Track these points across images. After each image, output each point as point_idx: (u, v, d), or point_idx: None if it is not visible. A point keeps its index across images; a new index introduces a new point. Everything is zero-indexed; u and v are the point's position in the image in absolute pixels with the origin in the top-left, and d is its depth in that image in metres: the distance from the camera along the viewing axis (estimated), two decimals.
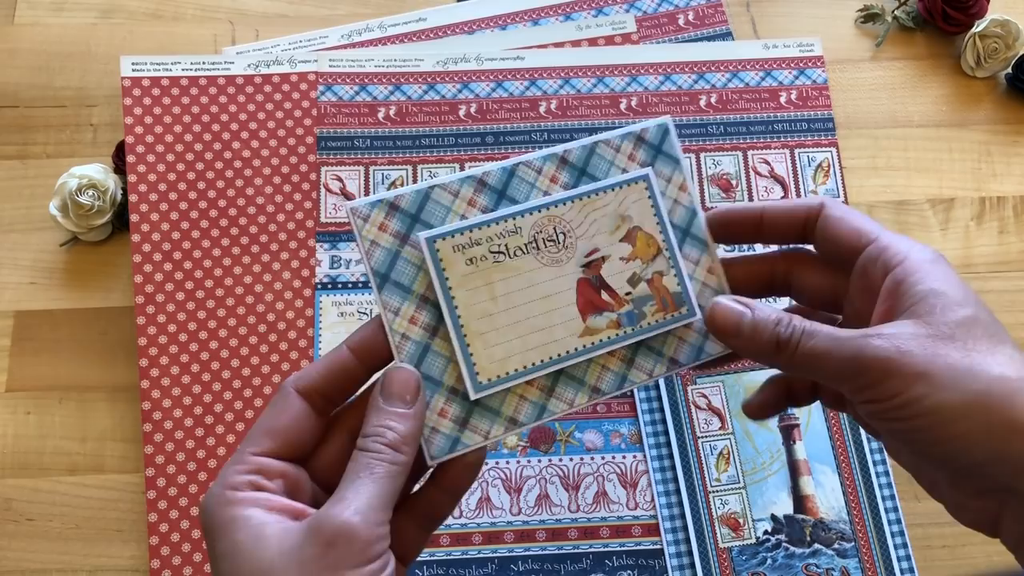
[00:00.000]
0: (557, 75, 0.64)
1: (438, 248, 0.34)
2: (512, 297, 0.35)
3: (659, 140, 0.38)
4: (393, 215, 0.34)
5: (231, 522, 0.31)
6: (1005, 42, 0.65)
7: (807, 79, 0.65)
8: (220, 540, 0.31)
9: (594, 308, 0.36)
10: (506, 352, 0.35)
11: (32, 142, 0.63)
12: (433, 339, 0.34)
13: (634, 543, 0.53)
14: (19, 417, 0.56)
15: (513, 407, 0.35)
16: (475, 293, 0.34)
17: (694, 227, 0.38)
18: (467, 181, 0.36)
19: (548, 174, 0.37)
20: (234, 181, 0.60)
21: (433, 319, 0.34)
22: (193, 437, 0.54)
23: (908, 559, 0.52)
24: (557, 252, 0.36)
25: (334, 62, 0.63)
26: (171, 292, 0.57)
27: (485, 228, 0.35)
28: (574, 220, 0.36)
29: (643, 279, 0.37)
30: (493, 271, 0.35)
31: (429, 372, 0.34)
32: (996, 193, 0.63)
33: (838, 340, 0.32)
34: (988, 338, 0.31)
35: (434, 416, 0.34)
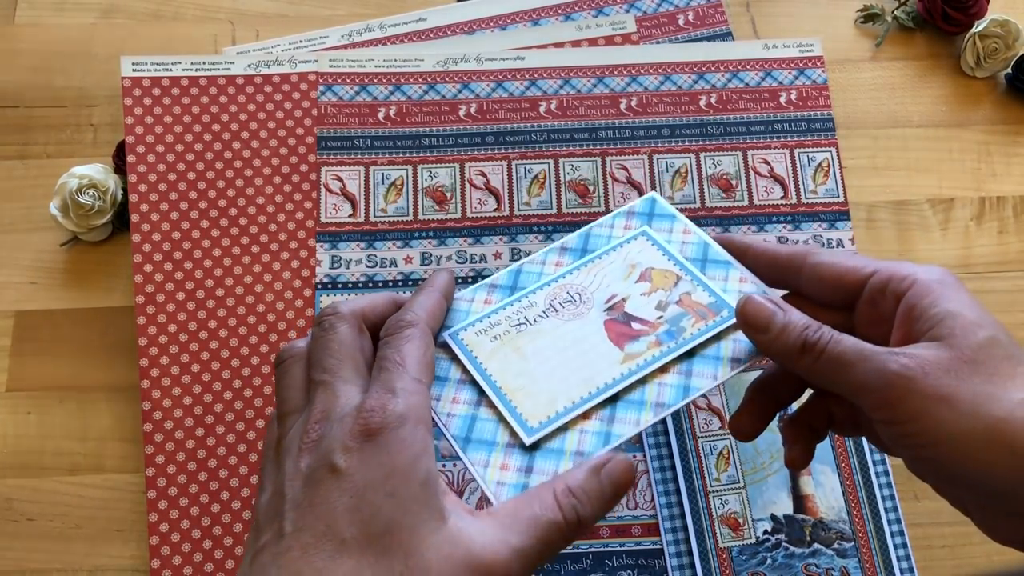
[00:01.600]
0: (557, 75, 0.64)
1: (463, 338, 0.38)
2: (543, 352, 0.37)
3: (649, 209, 0.40)
4: None
5: (444, 509, 0.30)
6: (1005, 42, 0.65)
7: (807, 79, 0.65)
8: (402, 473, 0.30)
9: (628, 337, 0.37)
10: (550, 395, 0.36)
11: (32, 142, 0.63)
12: (479, 409, 0.36)
13: (634, 543, 0.53)
14: (19, 417, 0.56)
15: (576, 442, 0.35)
16: (506, 360, 0.37)
17: (711, 254, 0.39)
18: (479, 289, 0.39)
19: (552, 263, 0.39)
20: (234, 181, 0.60)
21: (475, 394, 0.37)
22: (193, 437, 0.54)
23: (908, 559, 0.52)
24: (576, 308, 0.38)
25: (334, 62, 0.63)
26: (171, 292, 0.57)
27: (501, 312, 0.38)
28: (584, 281, 0.38)
29: (670, 303, 0.38)
30: (518, 338, 0.37)
31: (481, 437, 0.36)
32: (996, 193, 0.64)
33: (865, 352, 0.32)
34: (1008, 360, 0.31)
35: (496, 471, 0.35)
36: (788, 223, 0.61)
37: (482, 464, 0.35)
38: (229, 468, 0.54)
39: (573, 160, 0.62)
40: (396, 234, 0.60)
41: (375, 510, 0.29)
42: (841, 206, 0.61)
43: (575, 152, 0.62)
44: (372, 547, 0.28)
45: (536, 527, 0.30)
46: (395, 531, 0.28)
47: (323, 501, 0.29)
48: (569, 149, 0.62)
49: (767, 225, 0.61)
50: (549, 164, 0.62)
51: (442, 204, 0.61)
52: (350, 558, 0.28)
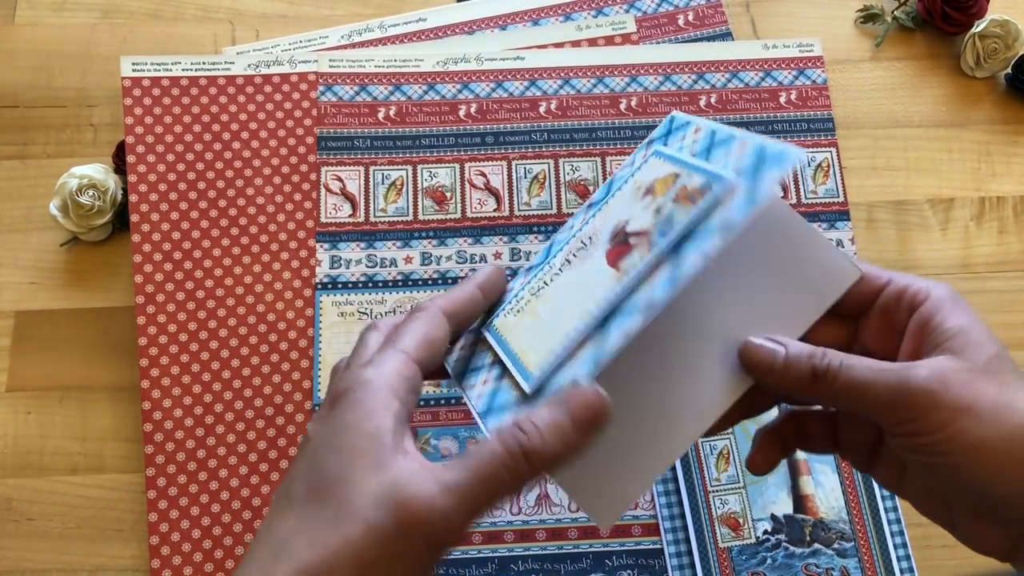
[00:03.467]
0: (557, 75, 0.64)
1: (495, 326, 0.37)
2: (552, 308, 0.35)
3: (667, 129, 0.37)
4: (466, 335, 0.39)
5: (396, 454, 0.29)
6: (1005, 42, 0.65)
7: (807, 79, 0.65)
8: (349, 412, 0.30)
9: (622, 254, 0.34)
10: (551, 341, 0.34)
11: (32, 142, 0.63)
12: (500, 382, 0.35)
13: (634, 543, 0.53)
14: (19, 417, 0.56)
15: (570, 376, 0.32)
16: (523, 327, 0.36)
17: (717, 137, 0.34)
18: (519, 276, 0.39)
19: (579, 223, 0.38)
20: (234, 181, 0.60)
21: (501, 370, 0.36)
22: (193, 437, 0.54)
23: (908, 559, 0.52)
24: (587, 252, 0.36)
25: (334, 62, 0.63)
26: (171, 292, 0.57)
27: (527, 286, 0.37)
28: (599, 224, 0.36)
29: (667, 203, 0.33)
30: (536, 303, 0.36)
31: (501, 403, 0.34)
32: (996, 193, 0.64)
33: (880, 371, 0.32)
34: (1014, 373, 0.33)
35: None
36: None
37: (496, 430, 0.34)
38: (229, 468, 0.54)
39: (573, 160, 0.62)
40: (396, 234, 0.60)
41: (322, 467, 0.29)
42: (841, 206, 0.61)
43: (575, 152, 0.62)
44: (313, 501, 0.29)
45: (473, 461, 0.29)
46: (335, 483, 0.29)
47: (292, 467, 0.31)
48: (569, 149, 0.62)
49: None
50: (549, 164, 0.62)
51: (442, 204, 0.61)
52: (292, 513, 0.29)
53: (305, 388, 0.56)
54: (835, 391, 0.33)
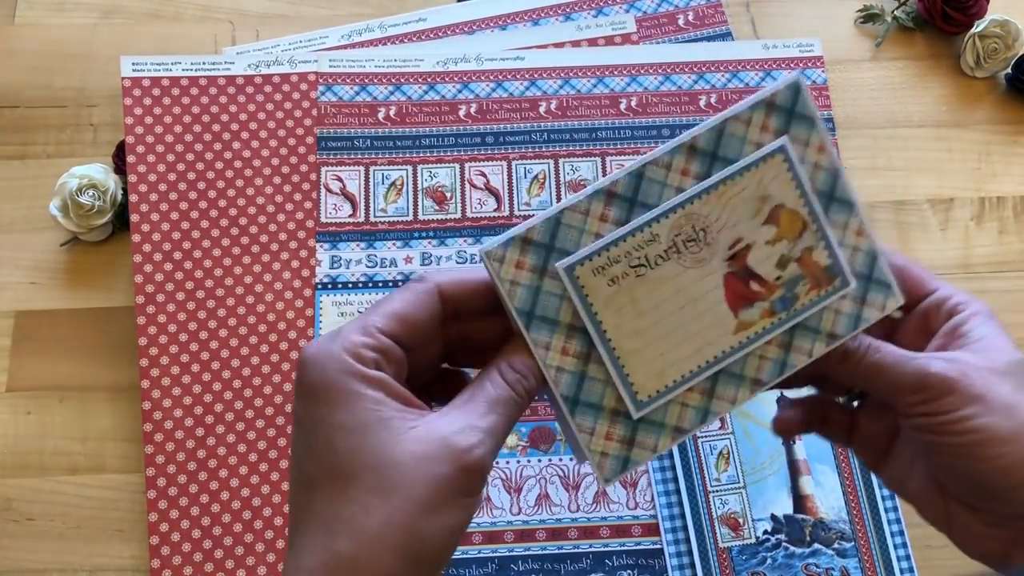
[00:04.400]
0: (557, 75, 0.64)
1: (578, 275, 0.33)
2: (660, 308, 0.34)
3: (791, 102, 0.35)
4: (528, 250, 0.33)
5: (356, 396, 0.31)
6: (1005, 42, 0.65)
7: (807, 79, 0.65)
8: (339, 409, 0.31)
9: (744, 300, 0.34)
10: (662, 365, 0.34)
11: (32, 142, 0.63)
12: (587, 366, 0.34)
13: (634, 543, 0.53)
14: (19, 417, 0.56)
15: (676, 416, 0.34)
16: (621, 312, 0.34)
17: (838, 190, 0.35)
18: (595, 196, 0.34)
19: (679, 168, 0.34)
20: (234, 181, 0.60)
21: (584, 346, 0.34)
22: (193, 437, 0.54)
23: (908, 559, 0.52)
24: (699, 251, 0.34)
25: (334, 62, 0.63)
26: (171, 292, 0.57)
27: (621, 243, 0.33)
28: (712, 213, 0.34)
29: (792, 259, 0.35)
30: (636, 286, 0.34)
31: (589, 399, 0.34)
32: (996, 193, 0.64)
33: (903, 357, 0.35)
34: None
35: (601, 440, 0.34)
36: None
37: (588, 431, 0.34)
38: (229, 468, 0.54)
39: (573, 160, 0.62)
40: (396, 234, 0.60)
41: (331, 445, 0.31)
42: None
43: (575, 152, 0.62)
44: (341, 477, 0.30)
45: (496, 405, 0.32)
46: (357, 456, 0.30)
47: (296, 451, 0.32)
48: (569, 149, 0.62)
49: None
50: (549, 164, 0.62)
51: (442, 204, 0.61)
52: (325, 493, 0.30)
53: None
54: (860, 370, 0.36)
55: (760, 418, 0.56)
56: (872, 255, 0.36)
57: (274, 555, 0.53)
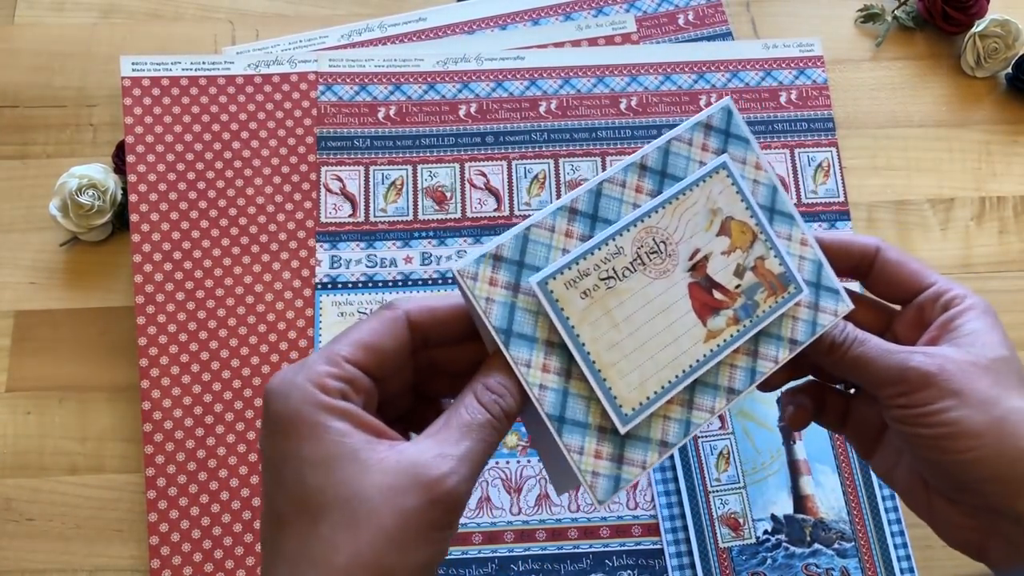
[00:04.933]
0: (557, 75, 0.64)
1: (551, 289, 0.33)
2: (633, 320, 0.34)
3: (725, 123, 0.37)
4: (499, 267, 0.33)
5: (321, 428, 0.30)
6: (1005, 42, 0.65)
7: (807, 79, 0.65)
8: (305, 442, 0.30)
9: (710, 309, 0.36)
10: (641, 376, 0.34)
11: (32, 142, 0.63)
12: (569, 381, 0.34)
13: (634, 543, 0.53)
14: (19, 417, 0.56)
15: (660, 430, 0.35)
16: (597, 325, 0.34)
17: (778, 203, 0.38)
18: (558, 213, 0.35)
19: (632, 185, 0.36)
20: (234, 181, 0.60)
21: (564, 361, 0.34)
22: (193, 437, 0.54)
23: (908, 559, 0.52)
24: (662, 263, 0.35)
25: (334, 62, 0.63)
26: (171, 292, 0.57)
27: (589, 257, 0.34)
28: (669, 226, 0.36)
29: (747, 268, 0.37)
30: (608, 298, 0.34)
31: (574, 416, 0.33)
32: (996, 193, 0.63)
33: (886, 350, 0.37)
34: (1015, 376, 0.36)
35: (591, 460, 0.33)
36: None
37: (577, 450, 0.33)
38: (229, 468, 0.54)
39: (573, 160, 0.62)
40: (396, 234, 0.60)
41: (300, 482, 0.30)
42: (841, 206, 0.61)
43: (575, 152, 0.62)
44: (308, 513, 0.29)
45: (470, 430, 0.31)
46: (325, 491, 0.29)
47: (265, 489, 0.31)
48: (569, 149, 0.62)
49: None
50: (549, 164, 0.62)
51: (442, 204, 0.61)
52: (294, 531, 0.29)
53: None
54: (846, 361, 0.37)
55: (760, 418, 0.56)
56: (818, 263, 0.38)
57: None
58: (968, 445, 0.34)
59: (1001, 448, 0.34)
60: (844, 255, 0.40)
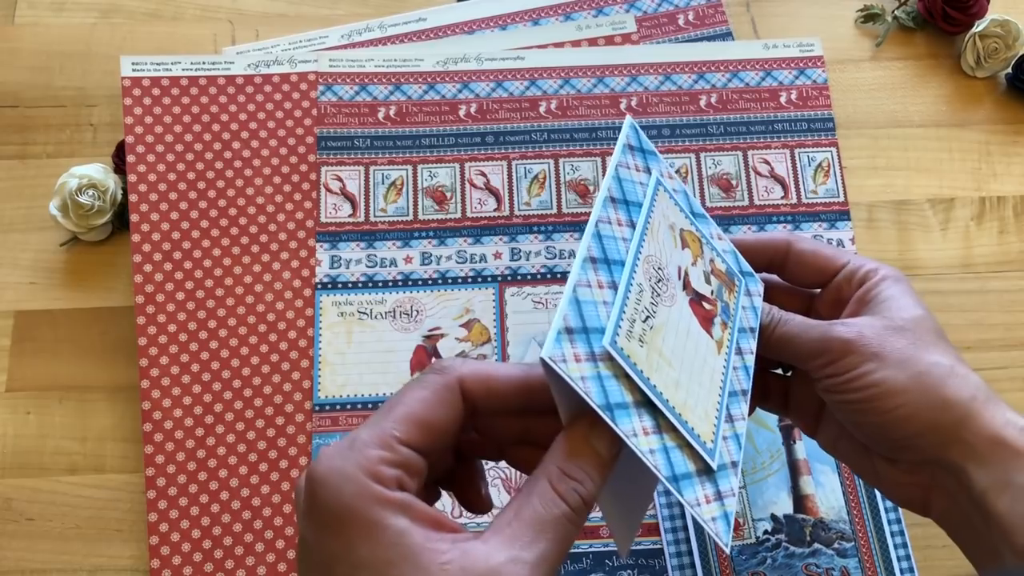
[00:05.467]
0: (557, 75, 0.64)
1: (622, 347, 0.31)
2: (676, 352, 0.34)
3: (638, 141, 0.39)
4: (573, 340, 0.30)
5: (378, 527, 0.26)
6: (1005, 42, 0.65)
7: (807, 79, 0.65)
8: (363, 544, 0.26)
9: (708, 320, 0.37)
10: (703, 406, 0.34)
11: (32, 142, 0.63)
12: (664, 437, 0.32)
13: (634, 543, 0.53)
14: (19, 417, 0.56)
15: (727, 453, 0.35)
16: (660, 369, 0.33)
17: (694, 206, 0.40)
18: (584, 269, 0.32)
19: (615, 220, 0.35)
20: (234, 181, 0.60)
21: (653, 418, 0.32)
22: (193, 437, 0.54)
23: (908, 559, 0.52)
24: (667, 290, 0.36)
25: (334, 62, 0.63)
26: (171, 292, 0.57)
27: (628, 303, 0.33)
28: (656, 252, 0.36)
29: (709, 273, 0.38)
30: (655, 338, 0.33)
31: (681, 471, 0.32)
32: (996, 193, 0.63)
33: (808, 325, 0.39)
34: (932, 333, 0.38)
35: (704, 507, 0.32)
36: (788, 223, 0.61)
37: (695, 502, 0.32)
38: (229, 468, 0.54)
39: (573, 160, 0.62)
40: (396, 234, 0.60)
41: None
42: (841, 206, 0.61)
43: (575, 152, 0.62)
44: None
45: (545, 527, 0.28)
46: None
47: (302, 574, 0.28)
48: (569, 149, 0.62)
49: (767, 225, 0.61)
50: (549, 164, 0.62)
51: (442, 204, 0.61)
52: None
53: (305, 388, 0.56)
54: (773, 342, 0.39)
55: (760, 418, 0.56)
56: (734, 253, 0.41)
57: (274, 555, 0.53)
58: (894, 403, 0.36)
59: (926, 401, 0.35)
60: (759, 252, 0.42)
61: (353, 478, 0.27)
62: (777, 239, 0.43)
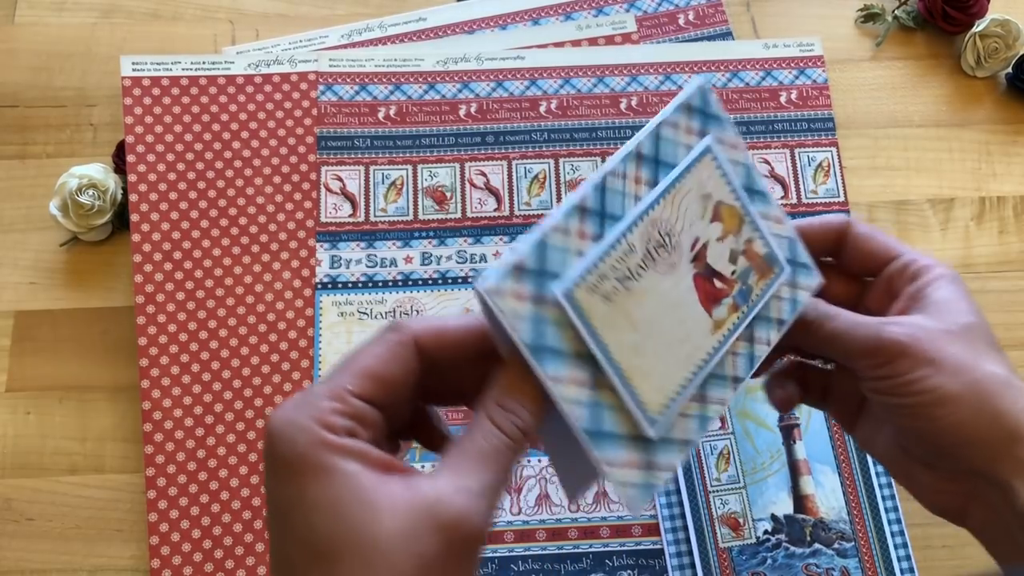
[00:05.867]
0: (557, 75, 0.64)
1: (576, 297, 0.31)
2: (650, 319, 0.33)
3: (702, 103, 0.37)
4: (521, 279, 0.31)
5: (329, 471, 0.28)
6: (1005, 42, 0.65)
7: (807, 79, 0.65)
8: (312, 485, 0.28)
9: (714, 299, 0.36)
10: (662, 377, 0.33)
11: (32, 142, 0.63)
12: (598, 392, 0.32)
13: (634, 543, 0.53)
14: (19, 417, 0.56)
15: (682, 429, 0.34)
16: (619, 330, 0.32)
17: (752, 182, 0.37)
18: (570, 214, 0.32)
19: (632, 176, 0.34)
20: (234, 181, 0.60)
21: (591, 372, 0.32)
22: (193, 437, 0.54)
23: (908, 559, 0.52)
24: (669, 256, 0.34)
25: (334, 62, 0.63)
26: (171, 292, 0.57)
27: (606, 258, 0.32)
28: (671, 217, 0.35)
29: (739, 252, 0.36)
30: (627, 300, 0.33)
31: (607, 429, 0.32)
32: (996, 193, 0.63)
33: (858, 323, 0.37)
34: (985, 342, 0.36)
35: (623, 472, 0.32)
36: None
37: (613, 463, 0.32)
38: (229, 468, 0.54)
39: (573, 160, 0.62)
40: (396, 234, 0.60)
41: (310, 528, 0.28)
42: (841, 206, 0.61)
43: (575, 152, 0.62)
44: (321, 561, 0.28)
45: (487, 458, 0.29)
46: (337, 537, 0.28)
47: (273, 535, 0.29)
48: (569, 149, 0.62)
49: None
50: (549, 164, 0.62)
51: (442, 204, 0.61)
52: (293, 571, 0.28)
53: (305, 388, 0.56)
54: (820, 339, 0.38)
55: (760, 418, 0.56)
56: (792, 240, 0.38)
57: None
58: (947, 411, 0.35)
59: (979, 412, 0.34)
60: (817, 235, 0.40)
61: (306, 428, 0.28)
62: (835, 221, 0.41)
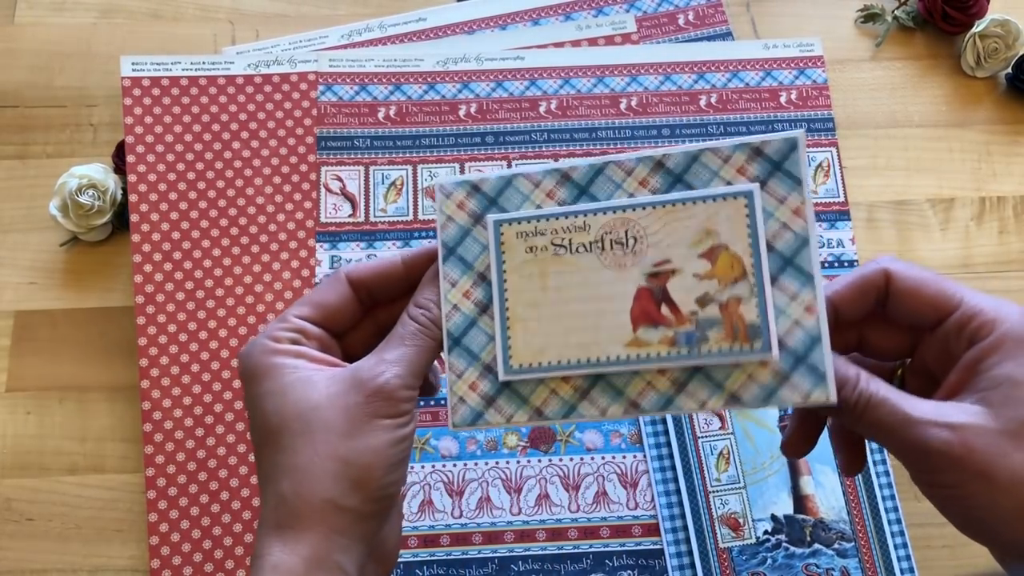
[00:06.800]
0: (557, 75, 0.64)
1: (503, 232, 0.36)
2: (563, 292, 0.35)
3: (782, 156, 0.34)
4: (474, 195, 0.36)
5: (276, 367, 0.35)
6: (1005, 42, 0.65)
7: (807, 79, 0.65)
8: (264, 381, 0.35)
9: (648, 320, 0.34)
10: (544, 343, 0.35)
11: (32, 142, 0.63)
12: (481, 316, 0.36)
13: (634, 543, 0.53)
14: (19, 417, 0.56)
15: (542, 399, 0.35)
16: (528, 280, 0.35)
17: (800, 257, 0.33)
18: (551, 174, 0.36)
19: (639, 176, 0.35)
20: (234, 181, 0.60)
21: (485, 298, 0.36)
22: (193, 437, 0.54)
23: (908, 559, 0.52)
24: (623, 256, 0.34)
25: (334, 62, 0.63)
26: (171, 292, 0.57)
27: (553, 220, 0.35)
28: (651, 227, 0.34)
29: (715, 301, 0.33)
30: (550, 262, 0.35)
31: (469, 345, 0.36)
32: (996, 193, 0.63)
33: (904, 420, 0.32)
34: None
35: (465, 387, 0.36)
36: None
37: (457, 373, 0.36)
38: (229, 468, 0.54)
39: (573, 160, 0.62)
40: (396, 234, 0.60)
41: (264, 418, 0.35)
42: (841, 206, 0.61)
43: (575, 152, 0.62)
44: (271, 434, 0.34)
45: (404, 339, 0.36)
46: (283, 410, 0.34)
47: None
48: (569, 149, 0.62)
49: None
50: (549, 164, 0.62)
51: None
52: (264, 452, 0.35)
53: None
54: (862, 425, 0.34)
55: (760, 418, 0.56)
56: (815, 337, 0.33)
57: None
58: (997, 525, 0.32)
59: None
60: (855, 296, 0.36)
61: (259, 343, 0.36)
62: (872, 278, 0.35)
